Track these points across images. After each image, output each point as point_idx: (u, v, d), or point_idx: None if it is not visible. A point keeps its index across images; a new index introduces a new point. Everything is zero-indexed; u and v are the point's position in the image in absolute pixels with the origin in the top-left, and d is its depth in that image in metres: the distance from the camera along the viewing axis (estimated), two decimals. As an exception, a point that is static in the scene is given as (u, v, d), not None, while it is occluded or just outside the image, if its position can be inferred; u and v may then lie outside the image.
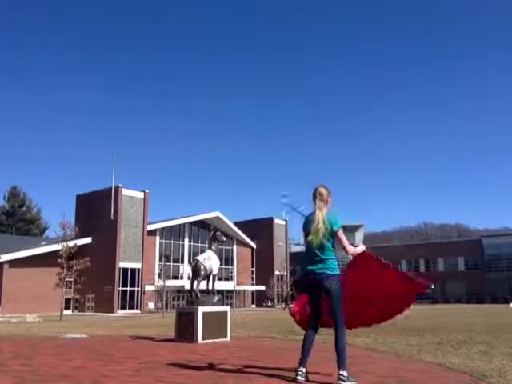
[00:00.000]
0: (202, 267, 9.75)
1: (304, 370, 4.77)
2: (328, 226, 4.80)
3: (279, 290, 60.51)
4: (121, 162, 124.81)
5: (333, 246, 4.89)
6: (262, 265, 64.77)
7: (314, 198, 4.99)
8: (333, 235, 4.84)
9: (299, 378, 4.70)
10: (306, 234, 4.97)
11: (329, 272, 4.81)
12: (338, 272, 4.90)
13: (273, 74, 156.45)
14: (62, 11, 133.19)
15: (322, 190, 5.00)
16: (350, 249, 4.99)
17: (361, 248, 5.18)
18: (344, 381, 4.54)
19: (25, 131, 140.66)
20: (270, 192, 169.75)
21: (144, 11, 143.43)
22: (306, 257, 4.99)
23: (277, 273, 62.18)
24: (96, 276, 43.53)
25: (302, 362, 4.80)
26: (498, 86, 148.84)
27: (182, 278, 53.55)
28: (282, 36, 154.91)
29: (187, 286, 13.35)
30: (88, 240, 47.51)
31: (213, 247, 10.28)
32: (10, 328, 15.90)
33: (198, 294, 9.72)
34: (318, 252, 4.86)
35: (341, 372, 4.61)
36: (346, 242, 4.86)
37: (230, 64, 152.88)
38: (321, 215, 4.84)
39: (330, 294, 4.80)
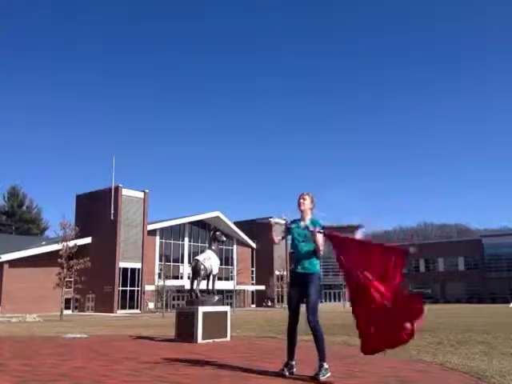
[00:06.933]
0: (202, 267, 9.74)
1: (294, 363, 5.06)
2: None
3: (279, 289, 60.48)
4: (121, 162, 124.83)
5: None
6: (262, 265, 64.71)
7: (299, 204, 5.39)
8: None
9: (294, 369, 5.01)
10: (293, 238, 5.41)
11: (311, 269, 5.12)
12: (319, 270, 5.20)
13: (272, 71, 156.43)
14: (62, 11, 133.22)
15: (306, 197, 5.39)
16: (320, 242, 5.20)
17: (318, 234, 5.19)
18: (324, 374, 4.69)
19: (25, 131, 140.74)
20: (269, 192, 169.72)
21: (144, 11, 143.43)
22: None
23: (277, 273, 62.13)
24: (96, 276, 43.52)
25: (292, 355, 5.14)
26: (499, 87, 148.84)
27: (181, 277, 53.53)
28: (281, 35, 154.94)
29: (187, 286, 13.34)
30: (88, 240, 47.49)
31: (213, 247, 10.27)
32: (10, 328, 15.89)
33: (198, 294, 9.72)
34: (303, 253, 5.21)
35: (322, 363, 4.80)
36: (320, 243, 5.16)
37: (229, 63, 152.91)
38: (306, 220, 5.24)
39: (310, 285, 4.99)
